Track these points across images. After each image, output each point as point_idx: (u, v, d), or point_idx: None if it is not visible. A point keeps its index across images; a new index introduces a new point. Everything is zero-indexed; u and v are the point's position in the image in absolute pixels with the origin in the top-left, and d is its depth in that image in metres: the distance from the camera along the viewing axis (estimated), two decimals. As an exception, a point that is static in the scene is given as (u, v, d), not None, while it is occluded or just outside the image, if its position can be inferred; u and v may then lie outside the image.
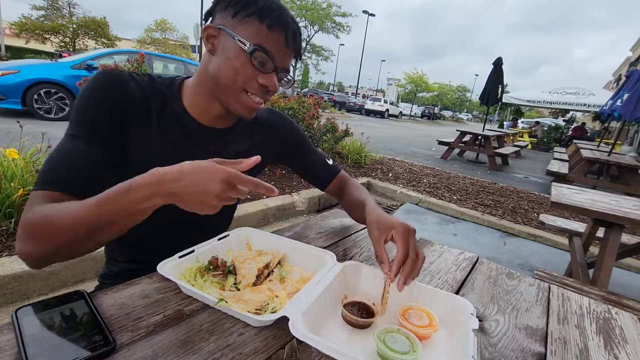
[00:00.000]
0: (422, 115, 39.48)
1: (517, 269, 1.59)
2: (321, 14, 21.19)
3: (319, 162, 0.96)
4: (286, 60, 0.71)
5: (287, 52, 0.70)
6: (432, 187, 4.50)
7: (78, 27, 26.71)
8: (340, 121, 5.04)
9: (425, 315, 0.56)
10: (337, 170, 0.98)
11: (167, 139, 0.72)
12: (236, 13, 0.66)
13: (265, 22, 0.65)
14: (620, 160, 4.95)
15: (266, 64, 0.68)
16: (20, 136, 2.28)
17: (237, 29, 0.66)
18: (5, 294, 1.54)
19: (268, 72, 0.68)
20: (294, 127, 0.94)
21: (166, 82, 0.76)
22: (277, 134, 0.90)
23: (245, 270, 0.62)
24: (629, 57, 22.01)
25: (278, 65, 0.69)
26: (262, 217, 2.90)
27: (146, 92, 0.71)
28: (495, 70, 7.68)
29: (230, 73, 0.67)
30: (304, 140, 0.96)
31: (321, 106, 4.98)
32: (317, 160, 0.97)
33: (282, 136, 0.91)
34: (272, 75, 0.69)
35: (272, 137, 0.89)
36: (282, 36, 0.67)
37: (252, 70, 0.67)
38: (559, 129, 16.37)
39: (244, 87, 0.69)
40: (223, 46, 0.67)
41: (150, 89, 0.72)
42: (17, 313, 0.46)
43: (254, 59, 0.66)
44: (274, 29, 0.66)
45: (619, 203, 1.89)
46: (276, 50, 0.67)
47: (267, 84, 0.69)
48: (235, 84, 0.68)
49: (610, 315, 0.73)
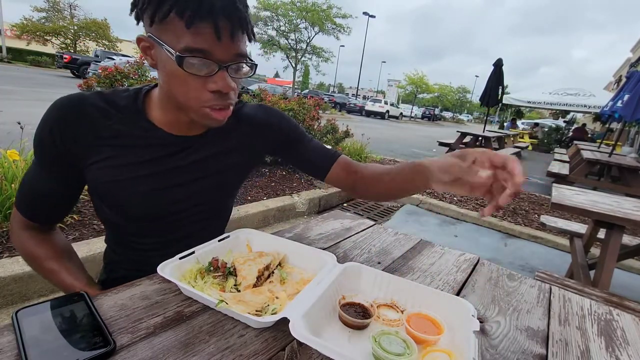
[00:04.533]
0: (422, 116, 39.46)
1: (518, 271, 1.59)
2: (321, 16, 21.24)
3: (315, 150, 0.86)
4: (230, 49, 0.59)
5: (226, 42, 0.58)
6: (433, 188, 4.49)
7: (79, 28, 26.82)
8: (341, 122, 5.04)
9: (429, 323, 0.56)
10: (337, 155, 0.86)
11: (132, 154, 0.69)
12: (154, 15, 0.56)
13: (185, 17, 0.54)
14: (621, 162, 4.94)
15: (206, 66, 0.58)
16: (21, 137, 2.29)
17: (162, 34, 0.57)
18: (6, 295, 1.54)
19: (213, 74, 0.59)
20: (283, 117, 0.87)
21: (132, 94, 0.71)
22: (264, 129, 0.84)
23: (245, 272, 0.62)
24: (629, 58, 22.01)
25: (221, 59, 0.58)
26: (262, 218, 2.90)
27: (107, 112, 0.67)
28: (496, 71, 7.68)
29: (181, 91, 0.61)
30: (296, 129, 0.87)
31: (321, 107, 4.99)
32: (313, 148, 0.87)
33: (271, 130, 0.84)
34: (220, 76, 0.59)
35: (259, 134, 0.83)
36: (210, 27, 0.55)
37: (195, 80, 0.59)
38: (559, 130, 16.36)
39: (201, 103, 0.62)
40: (160, 58, 0.60)
41: (112, 106, 0.68)
42: (17, 314, 0.46)
43: (188, 67, 0.57)
44: (197, 21, 0.54)
45: (619, 204, 1.89)
46: (210, 45, 0.56)
47: (217, 87, 0.60)
48: (190, 102, 0.62)
49: (612, 317, 0.73)
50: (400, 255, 0.87)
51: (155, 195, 0.72)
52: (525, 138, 14.59)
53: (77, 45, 26.82)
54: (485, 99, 7.82)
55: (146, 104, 0.72)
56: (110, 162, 0.68)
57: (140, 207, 0.72)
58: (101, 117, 0.67)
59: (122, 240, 0.79)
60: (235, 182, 0.85)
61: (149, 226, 0.76)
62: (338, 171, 0.85)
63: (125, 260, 0.81)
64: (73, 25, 26.68)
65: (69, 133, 0.65)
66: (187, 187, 0.75)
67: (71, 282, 0.70)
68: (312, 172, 0.88)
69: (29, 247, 0.73)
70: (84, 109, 0.66)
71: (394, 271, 0.78)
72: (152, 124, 0.71)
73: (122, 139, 0.68)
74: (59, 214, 0.77)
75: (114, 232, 0.80)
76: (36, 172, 0.70)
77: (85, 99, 0.67)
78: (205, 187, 0.77)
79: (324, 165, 0.86)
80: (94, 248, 1.80)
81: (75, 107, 0.66)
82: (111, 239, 0.82)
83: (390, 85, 49.64)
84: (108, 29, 27.98)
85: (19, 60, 24.11)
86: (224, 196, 0.84)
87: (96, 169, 0.68)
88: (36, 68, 21.87)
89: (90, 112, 0.66)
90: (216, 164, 0.77)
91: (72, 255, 0.78)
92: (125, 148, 0.69)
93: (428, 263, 0.85)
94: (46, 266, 0.72)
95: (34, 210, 0.72)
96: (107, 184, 0.68)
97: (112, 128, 0.68)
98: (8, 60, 22.56)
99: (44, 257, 0.72)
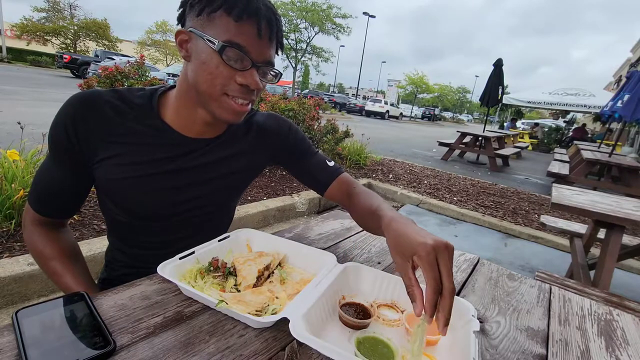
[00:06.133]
0: (422, 116, 39.45)
1: (518, 271, 1.59)
2: (321, 16, 21.24)
3: (317, 164, 0.88)
4: (265, 53, 0.64)
5: (264, 44, 0.64)
6: (433, 189, 4.50)
7: (79, 28, 26.81)
8: (341, 122, 5.05)
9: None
10: (338, 173, 0.88)
11: (142, 152, 0.70)
12: (202, 10, 0.61)
13: (233, 14, 0.60)
14: (621, 162, 4.94)
15: (242, 60, 0.62)
16: (21, 137, 2.29)
17: (206, 28, 0.62)
18: (6, 295, 1.54)
19: (246, 70, 0.63)
20: (292, 128, 0.89)
21: (147, 94, 0.72)
22: (272, 137, 0.86)
23: (245, 272, 0.62)
24: (629, 58, 22.01)
25: (256, 59, 0.63)
26: (262, 219, 2.90)
27: (121, 109, 0.69)
28: (496, 71, 7.68)
29: (208, 78, 0.63)
30: (303, 142, 0.89)
31: (321, 107, 4.99)
32: (316, 162, 0.88)
33: (279, 139, 0.86)
34: (251, 72, 0.64)
35: (267, 141, 0.85)
36: (254, 27, 0.61)
37: (227, 70, 0.62)
38: (559, 130, 16.36)
39: (224, 90, 0.64)
40: (196, 50, 0.63)
41: (126, 104, 0.69)
42: (17, 314, 0.46)
43: (226, 58, 0.61)
44: (243, 20, 0.60)
45: (619, 204, 1.89)
46: (250, 43, 0.62)
47: (246, 82, 0.63)
48: (215, 88, 0.64)
49: (612, 317, 0.73)
50: (400, 255, 0.87)
51: (163, 194, 0.72)
52: (525, 138, 14.60)
53: (77, 45, 26.83)
54: (485, 99, 7.82)
55: (161, 105, 0.73)
56: (120, 159, 0.68)
57: (146, 206, 0.72)
58: (115, 115, 0.68)
59: (125, 238, 0.80)
60: (241, 186, 0.86)
61: (153, 225, 0.76)
62: (336, 190, 0.86)
63: (127, 259, 0.81)
64: (73, 25, 26.68)
65: (82, 129, 0.66)
66: (195, 188, 0.75)
67: (71, 286, 0.71)
68: (312, 186, 0.90)
69: (37, 244, 0.74)
70: (99, 105, 0.67)
71: (394, 271, 0.78)
72: (165, 124, 0.72)
73: (134, 137, 0.69)
74: (71, 208, 0.77)
75: (117, 230, 0.80)
76: (49, 166, 0.70)
77: (101, 96, 0.68)
78: (212, 190, 0.78)
79: (324, 182, 0.87)
80: (94, 248, 1.80)
81: (90, 104, 0.66)
82: (114, 237, 0.82)
83: (390, 85, 49.66)
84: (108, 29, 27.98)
85: (19, 61, 24.11)
86: (230, 199, 0.85)
87: (106, 166, 0.68)
88: (36, 68, 21.87)
89: (105, 109, 0.67)
90: (225, 167, 0.78)
91: (78, 257, 0.78)
92: (136, 146, 0.69)
93: (428, 263, 0.85)
94: (50, 265, 0.73)
95: (46, 204, 0.73)
96: (115, 181, 0.69)
97: (126, 126, 0.69)
98: (8, 61, 22.57)
99: (50, 257, 0.73)
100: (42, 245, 0.73)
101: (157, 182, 0.71)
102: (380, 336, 0.51)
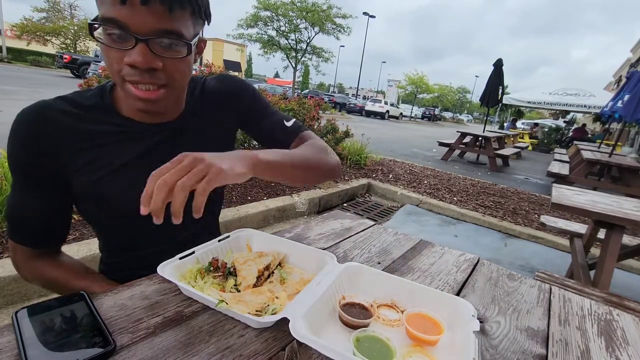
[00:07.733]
0: (422, 116, 39.46)
1: (518, 271, 1.58)
2: (321, 16, 21.22)
3: (275, 124, 0.83)
4: (148, 21, 0.54)
5: (143, 11, 0.53)
6: (433, 189, 4.50)
7: (79, 28, 26.81)
8: (341, 122, 5.05)
9: (429, 323, 0.56)
10: (299, 131, 0.83)
11: (112, 152, 0.67)
12: None
13: None
14: (621, 162, 4.94)
15: (121, 37, 0.55)
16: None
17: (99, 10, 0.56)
18: (6, 295, 1.54)
19: (132, 47, 0.55)
20: (244, 86, 0.83)
21: (96, 92, 0.68)
22: (228, 101, 0.81)
23: (245, 272, 0.62)
24: (629, 58, 22.01)
25: (138, 31, 0.54)
26: (262, 218, 2.90)
27: (76, 114, 0.65)
28: (496, 71, 7.68)
29: (107, 64, 0.58)
30: (259, 101, 0.84)
31: (321, 107, 4.99)
32: (274, 122, 0.83)
33: (233, 100, 0.81)
34: (137, 49, 0.55)
35: (224, 106, 0.81)
36: None
37: (114, 51, 0.56)
38: (559, 130, 16.36)
39: (121, 75, 0.58)
40: None
41: (79, 108, 0.66)
42: (17, 314, 0.46)
43: (107, 38, 0.55)
44: None
45: (619, 204, 1.89)
46: (125, 15, 0.53)
47: (130, 60, 0.55)
48: (115, 75, 0.59)
49: (612, 317, 0.73)
50: (400, 255, 0.87)
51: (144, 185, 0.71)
52: (525, 138, 14.60)
53: (77, 45, 26.83)
54: (485, 99, 7.83)
55: (114, 99, 0.69)
56: (93, 165, 0.66)
57: (133, 203, 0.71)
58: (70, 121, 0.65)
59: (117, 246, 0.78)
60: None
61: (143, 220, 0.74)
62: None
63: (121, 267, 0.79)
64: (73, 25, 26.68)
65: (42, 143, 0.62)
66: None
67: None
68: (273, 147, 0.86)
69: (48, 273, 0.70)
70: (50, 115, 0.63)
71: (394, 271, 0.78)
72: (124, 117, 0.68)
73: (98, 139, 0.66)
74: (61, 230, 0.74)
75: (108, 239, 0.78)
76: (21, 195, 0.66)
77: (48, 105, 0.64)
78: None
79: (285, 140, 0.84)
80: (94, 248, 1.80)
81: (41, 116, 0.63)
82: (106, 247, 0.80)
83: (390, 85, 49.68)
84: (108, 29, 27.96)
85: (19, 61, 24.13)
86: None
87: (81, 174, 0.66)
88: (36, 68, 21.89)
89: (58, 117, 0.64)
90: (197, 145, 0.74)
91: (89, 269, 0.77)
92: (104, 148, 0.67)
93: (428, 263, 0.85)
94: (75, 286, 0.70)
95: (35, 235, 0.69)
96: (94, 185, 0.66)
97: (85, 130, 0.65)
98: (8, 61, 22.57)
99: (67, 279, 0.70)
100: (53, 271, 0.71)
101: (135, 174, 0.67)
102: (379, 335, 0.51)
